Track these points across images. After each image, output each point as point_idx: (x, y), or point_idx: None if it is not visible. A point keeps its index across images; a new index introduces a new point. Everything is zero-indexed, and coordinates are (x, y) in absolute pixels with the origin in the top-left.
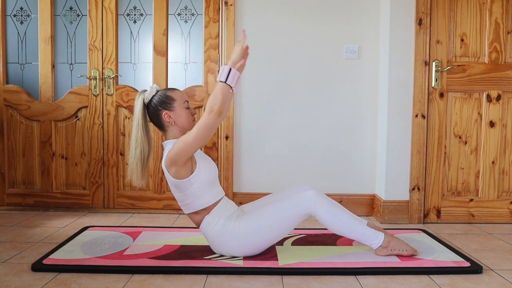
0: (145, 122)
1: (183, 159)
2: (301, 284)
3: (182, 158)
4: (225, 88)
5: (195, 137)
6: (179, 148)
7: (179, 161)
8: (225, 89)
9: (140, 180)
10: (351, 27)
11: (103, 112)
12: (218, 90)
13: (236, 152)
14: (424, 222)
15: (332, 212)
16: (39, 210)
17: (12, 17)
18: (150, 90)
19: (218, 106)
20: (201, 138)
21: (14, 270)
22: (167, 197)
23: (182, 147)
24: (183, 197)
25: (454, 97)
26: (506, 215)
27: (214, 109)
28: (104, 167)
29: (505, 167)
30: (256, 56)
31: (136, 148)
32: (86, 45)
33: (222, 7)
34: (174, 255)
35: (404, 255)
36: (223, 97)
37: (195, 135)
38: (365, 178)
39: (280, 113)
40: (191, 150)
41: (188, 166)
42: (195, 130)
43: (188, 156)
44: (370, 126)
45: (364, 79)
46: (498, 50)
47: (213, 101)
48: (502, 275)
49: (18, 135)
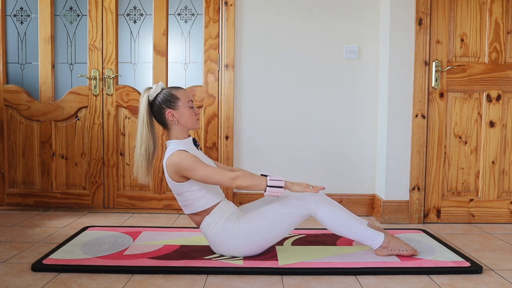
0: (150, 119)
1: (182, 174)
2: (301, 284)
3: (181, 173)
4: (261, 186)
5: (203, 178)
6: (187, 166)
7: (178, 173)
8: (261, 186)
9: (145, 177)
10: (351, 27)
11: (103, 112)
12: (257, 181)
13: (236, 152)
14: (424, 222)
15: (332, 212)
16: (39, 210)
17: (12, 17)
18: (155, 88)
19: (241, 184)
20: (206, 182)
21: (14, 270)
22: (167, 197)
23: (188, 170)
24: (182, 198)
25: (454, 97)
26: (506, 215)
27: (237, 183)
28: (104, 167)
29: (505, 167)
30: (256, 56)
31: (141, 145)
32: (86, 45)
33: (222, 7)
34: (174, 255)
35: (404, 255)
36: (252, 187)
37: (205, 177)
38: (365, 178)
39: (280, 112)
40: (192, 177)
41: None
42: (209, 174)
43: (186, 176)
44: (370, 126)
45: (364, 79)
46: (498, 50)
47: (244, 180)
48: (502, 275)
49: (18, 135)
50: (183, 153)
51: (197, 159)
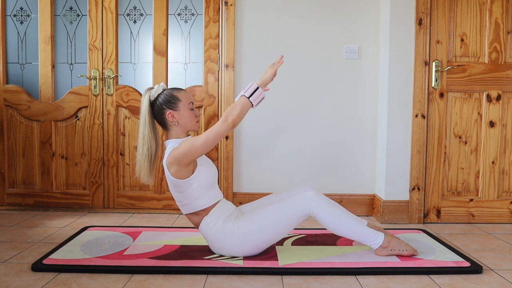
0: (151, 119)
1: (187, 159)
2: (301, 284)
3: (186, 158)
4: (246, 104)
5: (205, 141)
6: (186, 148)
7: (183, 161)
8: (245, 104)
9: (148, 177)
10: (351, 27)
11: (103, 112)
12: (239, 103)
13: (236, 152)
14: (424, 222)
15: (331, 213)
16: (39, 210)
17: (12, 17)
18: (157, 88)
19: (233, 118)
20: (209, 144)
21: (14, 270)
22: (167, 197)
23: (189, 148)
24: (182, 197)
25: (454, 97)
26: (506, 215)
27: (229, 120)
28: (104, 167)
29: (505, 167)
30: (256, 56)
31: (143, 145)
32: (86, 45)
33: (222, 7)
34: (174, 255)
35: (404, 255)
36: (242, 111)
37: (205, 139)
38: (365, 178)
39: (280, 112)
40: (197, 153)
41: (189, 167)
42: (205, 135)
43: (192, 158)
44: (370, 126)
45: (364, 79)
46: (498, 50)
47: (230, 112)
48: (502, 275)
49: (18, 135)
50: (179, 145)
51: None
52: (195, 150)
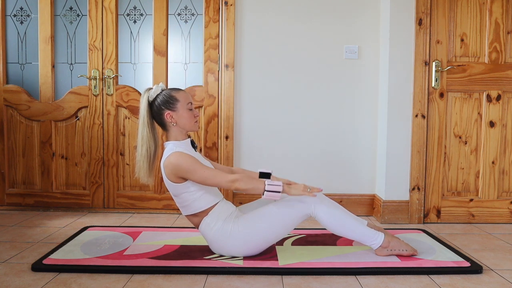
0: (150, 119)
1: (181, 175)
2: (301, 284)
3: (180, 174)
4: (259, 190)
5: (203, 179)
6: (186, 167)
7: (177, 174)
8: (258, 190)
9: (147, 178)
10: (351, 27)
11: (103, 112)
12: (255, 186)
13: (236, 152)
14: (424, 222)
15: (331, 213)
16: (39, 210)
17: (12, 17)
18: (155, 89)
19: (239, 188)
20: (204, 183)
21: (14, 270)
22: (167, 197)
23: (187, 171)
24: (180, 199)
25: (454, 97)
26: (506, 215)
27: (235, 185)
28: (104, 167)
29: (505, 167)
30: (256, 56)
31: (142, 145)
32: (86, 45)
33: (222, 7)
34: (174, 255)
35: (404, 255)
36: (251, 191)
37: (205, 178)
38: (365, 178)
39: (280, 112)
40: (191, 178)
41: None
42: (209, 175)
43: (185, 178)
44: (370, 126)
45: (364, 79)
46: (498, 50)
47: (243, 182)
48: (502, 275)
49: (18, 135)
50: (181, 154)
51: (195, 161)
52: (190, 176)
